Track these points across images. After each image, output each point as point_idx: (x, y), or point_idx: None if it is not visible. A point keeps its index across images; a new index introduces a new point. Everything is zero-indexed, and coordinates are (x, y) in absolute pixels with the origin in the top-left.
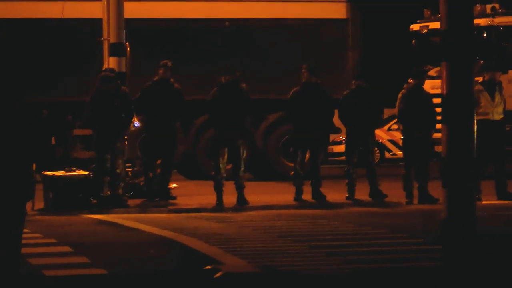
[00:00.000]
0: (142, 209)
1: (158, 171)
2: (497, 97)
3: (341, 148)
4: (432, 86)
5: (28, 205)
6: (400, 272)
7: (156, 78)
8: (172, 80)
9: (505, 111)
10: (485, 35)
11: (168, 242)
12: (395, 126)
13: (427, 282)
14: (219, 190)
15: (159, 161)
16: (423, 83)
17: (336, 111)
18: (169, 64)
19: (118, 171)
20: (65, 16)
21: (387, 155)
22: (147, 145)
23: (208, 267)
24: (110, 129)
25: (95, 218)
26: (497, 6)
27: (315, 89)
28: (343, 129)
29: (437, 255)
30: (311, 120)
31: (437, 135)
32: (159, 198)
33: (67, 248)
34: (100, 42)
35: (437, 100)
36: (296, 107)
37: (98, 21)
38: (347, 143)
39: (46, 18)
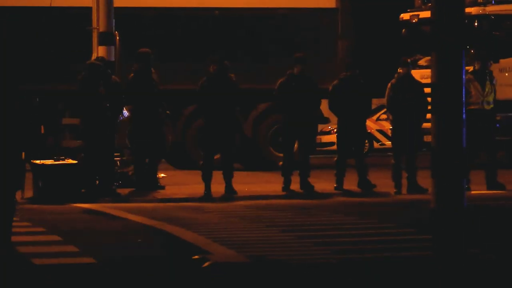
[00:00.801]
0: (130, 198)
1: (146, 160)
2: (488, 87)
3: (329, 138)
4: (422, 75)
5: (18, 194)
6: (389, 262)
7: (136, 67)
8: (153, 70)
9: (496, 101)
10: (476, 24)
11: (156, 232)
12: (384, 116)
13: (416, 272)
14: (207, 180)
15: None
16: (409, 72)
17: (325, 101)
18: (150, 52)
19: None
20: (54, 4)
21: (376, 145)
22: (136, 135)
23: (196, 257)
24: (97, 118)
25: (83, 207)
26: None
27: (302, 80)
28: (332, 118)
29: (426, 245)
30: (300, 111)
31: (426, 125)
32: (148, 187)
33: (55, 237)
34: (90, 31)
35: (427, 90)
36: (284, 98)
37: (88, 9)
38: (338, 133)
39: (35, 6)
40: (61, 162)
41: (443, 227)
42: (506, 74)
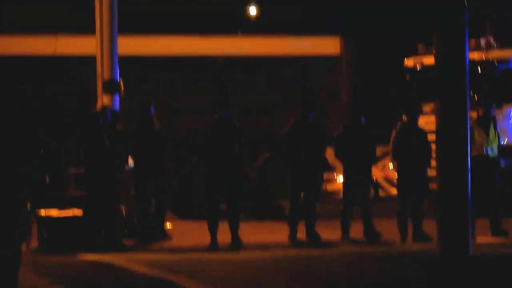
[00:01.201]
0: (137, 249)
1: (152, 210)
2: (492, 133)
3: (335, 186)
4: (426, 122)
5: (23, 245)
6: None
7: (139, 118)
8: (155, 119)
9: (500, 147)
10: (479, 69)
11: (162, 283)
12: (389, 164)
13: None
14: (213, 230)
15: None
16: (417, 119)
17: (330, 149)
18: (151, 103)
19: (113, 211)
20: (58, 52)
21: (381, 193)
22: (140, 185)
23: None
24: (101, 168)
25: (88, 259)
26: (491, 39)
27: (309, 127)
28: (338, 166)
29: None
30: (306, 158)
31: (431, 172)
32: (154, 238)
33: None
34: (95, 79)
35: (432, 137)
36: (290, 146)
37: (92, 58)
38: (343, 181)
39: (39, 54)
40: (65, 212)
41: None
42: (510, 120)
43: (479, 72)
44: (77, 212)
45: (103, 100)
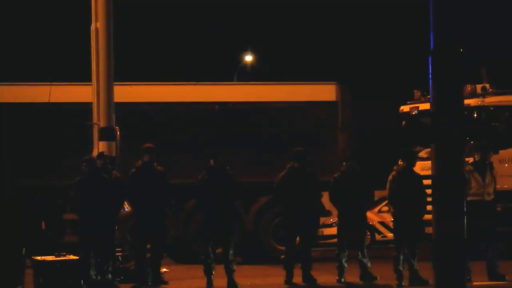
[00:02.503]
0: None
1: (149, 255)
2: (488, 178)
3: (331, 230)
4: (422, 167)
5: None
6: None
7: (140, 163)
8: (155, 163)
9: (496, 191)
10: (475, 115)
11: None
12: (386, 208)
13: None
14: (209, 274)
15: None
16: (413, 165)
17: (327, 193)
18: (153, 148)
19: (108, 255)
20: (52, 100)
21: (378, 237)
22: (137, 230)
23: None
24: (97, 214)
25: None
26: (487, 86)
27: (302, 174)
28: (334, 211)
29: None
30: (300, 204)
31: (427, 216)
32: (151, 283)
33: None
34: (90, 126)
35: (427, 182)
36: (283, 192)
37: (88, 104)
38: (339, 225)
39: (34, 102)
40: (62, 258)
41: None
42: (506, 165)
43: (475, 117)
44: (73, 257)
45: (99, 147)
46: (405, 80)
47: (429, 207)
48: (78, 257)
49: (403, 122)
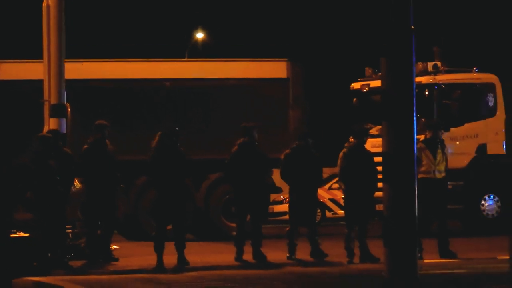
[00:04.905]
0: (83, 270)
1: (99, 232)
2: (439, 155)
3: (282, 207)
4: (373, 144)
5: None
6: None
7: (92, 139)
8: (107, 141)
9: (447, 169)
10: (426, 93)
11: None
12: (336, 185)
13: None
14: (159, 251)
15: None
16: (364, 142)
17: (278, 170)
18: (106, 124)
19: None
20: (5, 77)
21: (328, 214)
22: (88, 207)
23: None
24: (48, 191)
25: (35, 280)
26: (438, 63)
27: (252, 151)
28: (284, 188)
29: None
30: (251, 180)
31: (378, 194)
32: (101, 259)
33: None
34: (42, 103)
35: (378, 159)
36: (234, 168)
37: (39, 82)
38: (290, 202)
39: None
40: (12, 235)
41: None
42: (457, 143)
43: (426, 95)
44: (23, 234)
45: (50, 124)
46: (357, 57)
47: (380, 185)
48: (28, 235)
49: (354, 99)
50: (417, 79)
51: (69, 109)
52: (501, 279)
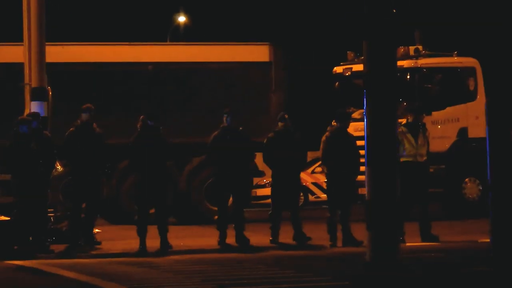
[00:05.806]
0: (64, 254)
1: (82, 215)
2: (421, 139)
3: (265, 191)
4: (355, 128)
5: None
6: None
7: (78, 122)
8: (94, 124)
9: (429, 153)
10: (408, 77)
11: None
12: (319, 169)
13: None
14: (142, 234)
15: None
16: (347, 126)
17: (260, 154)
18: (92, 108)
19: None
20: None
21: (311, 198)
22: (72, 190)
23: None
24: (29, 174)
25: (16, 264)
26: (420, 47)
27: (234, 133)
28: (267, 172)
29: None
30: (233, 164)
31: (361, 177)
32: (83, 243)
33: None
34: (23, 87)
35: (360, 143)
36: (217, 151)
37: (19, 65)
38: (272, 186)
39: None
40: None
41: (379, 279)
42: (439, 126)
43: (408, 79)
44: (4, 218)
45: (31, 107)
46: (339, 41)
47: (362, 168)
48: (9, 218)
49: (336, 83)
50: (399, 63)
51: (50, 93)
52: (482, 261)
